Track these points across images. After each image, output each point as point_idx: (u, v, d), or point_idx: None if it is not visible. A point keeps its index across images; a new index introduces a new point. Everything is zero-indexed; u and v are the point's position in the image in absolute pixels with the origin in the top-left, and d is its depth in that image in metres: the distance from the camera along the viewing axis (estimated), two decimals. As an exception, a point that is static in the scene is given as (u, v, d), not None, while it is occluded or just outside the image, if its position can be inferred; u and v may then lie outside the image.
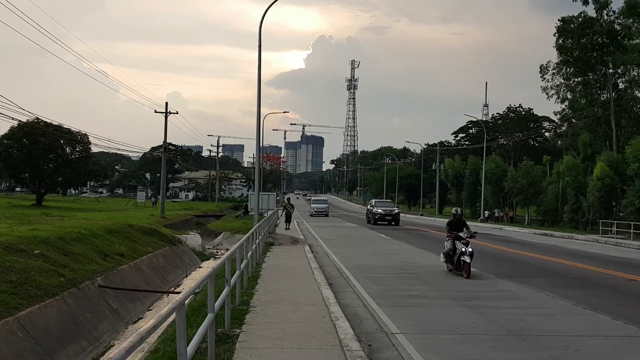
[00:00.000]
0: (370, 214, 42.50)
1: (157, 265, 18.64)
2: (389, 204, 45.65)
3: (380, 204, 43.85)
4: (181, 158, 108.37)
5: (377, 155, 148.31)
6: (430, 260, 18.02)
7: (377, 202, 45.18)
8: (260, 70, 22.46)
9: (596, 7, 46.91)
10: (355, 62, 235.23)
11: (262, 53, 22.35)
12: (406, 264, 16.92)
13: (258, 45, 22.23)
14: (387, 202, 46.92)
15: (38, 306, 9.85)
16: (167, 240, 23.05)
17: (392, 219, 40.77)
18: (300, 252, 18.94)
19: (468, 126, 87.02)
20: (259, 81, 22.60)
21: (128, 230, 21.03)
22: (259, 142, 24.14)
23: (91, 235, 17.03)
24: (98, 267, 13.90)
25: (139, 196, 66.37)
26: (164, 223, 38.10)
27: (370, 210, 42.91)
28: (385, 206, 43.00)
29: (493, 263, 17.47)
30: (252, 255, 13.30)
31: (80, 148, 56.60)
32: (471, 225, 17.66)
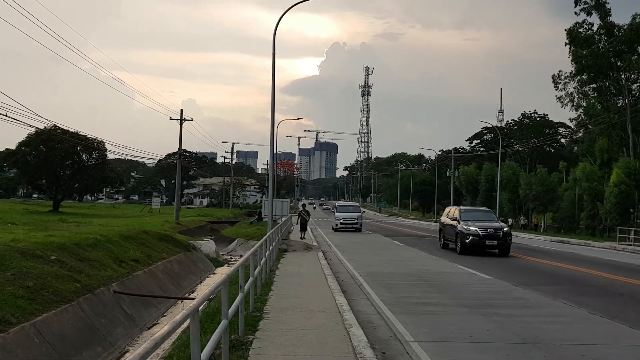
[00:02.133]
0: (455, 234, 22.86)
1: (171, 271, 18.73)
2: (489, 214, 24.19)
3: (478, 216, 23.31)
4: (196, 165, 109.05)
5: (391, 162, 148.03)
6: (445, 267, 17.91)
7: (468, 212, 23.96)
8: (274, 77, 22.56)
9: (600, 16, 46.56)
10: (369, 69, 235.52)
11: (276, 60, 22.46)
12: (420, 271, 16.82)
13: (272, 53, 22.33)
14: (486, 213, 24.64)
15: (54, 312, 9.95)
16: (181, 247, 23.16)
17: (500, 244, 22.03)
18: (313, 259, 18.91)
19: (483, 132, 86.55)
20: (273, 88, 22.69)
21: (143, 236, 21.17)
22: (272, 149, 24.21)
23: (107, 241, 17.17)
24: (113, 273, 14.01)
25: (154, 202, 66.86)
26: (178, 229, 38.27)
27: (457, 229, 22.60)
28: (485, 220, 22.76)
29: (508, 270, 17.31)
30: (266, 262, 13.32)
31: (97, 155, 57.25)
32: None
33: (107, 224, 26.33)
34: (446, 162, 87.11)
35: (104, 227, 22.97)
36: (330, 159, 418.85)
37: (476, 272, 16.23)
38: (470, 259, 20.40)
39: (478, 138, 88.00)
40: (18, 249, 12.35)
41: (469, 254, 21.76)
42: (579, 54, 46.85)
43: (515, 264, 19.84)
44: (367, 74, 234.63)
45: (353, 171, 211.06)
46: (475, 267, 17.78)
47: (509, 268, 18.09)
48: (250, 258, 9.57)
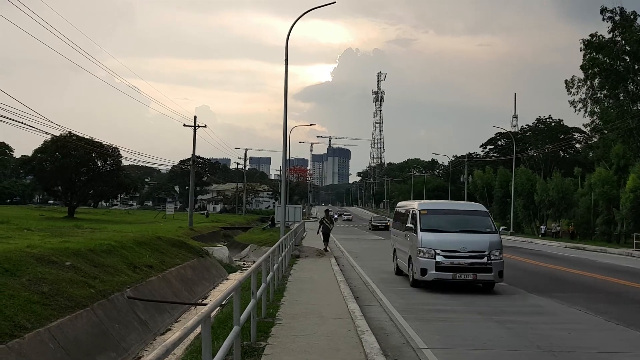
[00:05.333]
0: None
1: (184, 277, 18.81)
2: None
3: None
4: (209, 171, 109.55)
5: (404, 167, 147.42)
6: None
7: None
8: (287, 84, 22.64)
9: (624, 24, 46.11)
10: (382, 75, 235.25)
11: (289, 67, 22.54)
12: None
13: (285, 60, 22.43)
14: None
15: (69, 317, 10.04)
16: (194, 252, 23.27)
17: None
18: (326, 265, 18.89)
19: (497, 138, 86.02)
20: (286, 94, 22.77)
21: (157, 242, 21.30)
22: (285, 155, 24.27)
23: (121, 247, 17.30)
24: (127, 279, 14.11)
25: (167, 208, 67.25)
26: (192, 235, 38.46)
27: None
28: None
29: (523, 277, 17.14)
30: (278, 268, 13.33)
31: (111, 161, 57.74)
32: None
33: (121, 230, 26.53)
34: (460, 168, 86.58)
35: (118, 233, 23.15)
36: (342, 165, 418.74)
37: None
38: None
39: (492, 144, 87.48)
40: (33, 255, 12.49)
41: None
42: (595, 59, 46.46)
43: (530, 270, 19.64)
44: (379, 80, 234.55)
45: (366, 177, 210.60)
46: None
47: (523, 274, 17.91)
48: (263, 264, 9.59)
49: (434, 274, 12.93)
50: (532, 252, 29.41)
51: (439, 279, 12.98)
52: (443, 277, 12.94)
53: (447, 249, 12.93)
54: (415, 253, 13.35)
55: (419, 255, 13.17)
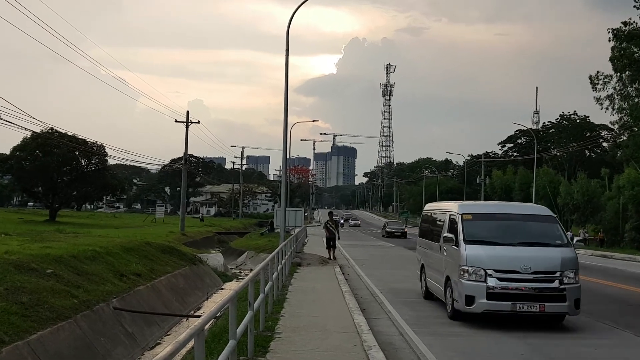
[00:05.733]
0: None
1: (176, 287, 18.85)
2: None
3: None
4: (203, 171, 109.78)
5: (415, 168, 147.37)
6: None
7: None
8: (288, 77, 22.66)
9: None
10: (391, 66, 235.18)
11: (290, 57, 22.57)
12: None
13: (285, 50, 22.45)
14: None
15: (50, 329, 10.07)
16: (186, 260, 23.31)
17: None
18: (330, 274, 18.90)
19: (516, 135, 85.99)
20: (286, 88, 22.78)
21: (146, 248, 21.34)
22: (285, 154, 24.29)
23: (106, 253, 17.35)
24: (113, 288, 14.14)
25: (157, 212, 67.32)
26: (183, 241, 38.50)
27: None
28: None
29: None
30: (278, 277, 13.34)
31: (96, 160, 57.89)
32: None
33: (107, 235, 26.59)
34: (476, 168, 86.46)
35: (103, 238, 23.20)
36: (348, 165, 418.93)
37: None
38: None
39: (511, 142, 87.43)
40: (12, 261, 12.53)
41: None
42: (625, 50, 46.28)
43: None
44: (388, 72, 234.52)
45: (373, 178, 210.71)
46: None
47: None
48: (261, 273, 9.60)
49: (485, 303, 10.19)
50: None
51: (492, 310, 10.24)
52: (497, 308, 10.20)
53: (502, 268, 10.28)
54: (457, 273, 10.66)
55: (462, 276, 10.49)
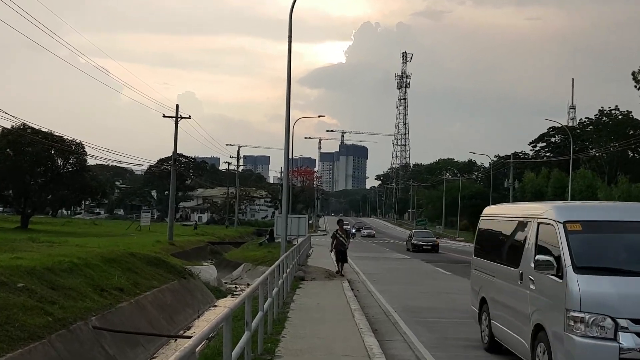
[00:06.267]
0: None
1: (163, 303, 18.87)
2: None
3: None
4: (194, 172, 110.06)
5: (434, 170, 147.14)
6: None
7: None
8: (290, 66, 22.70)
9: None
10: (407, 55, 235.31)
11: (293, 45, 22.63)
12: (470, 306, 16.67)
13: (288, 36, 22.51)
14: None
15: (20, 351, 10.08)
16: (175, 273, 23.35)
17: None
18: (337, 289, 18.89)
19: (549, 133, 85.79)
20: (289, 79, 22.82)
21: (129, 259, 21.40)
22: (287, 153, 24.32)
23: (85, 265, 17.39)
24: (93, 305, 14.17)
25: (142, 218, 67.55)
26: (172, 251, 38.55)
27: None
28: None
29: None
30: (279, 293, 13.34)
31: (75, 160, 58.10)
32: None
33: (86, 245, 26.65)
34: (504, 170, 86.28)
35: (82, 248, 23.26)
36: (358, 166, 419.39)
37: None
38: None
39: (543, 140, 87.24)
40: (-21, 273, 12.56)
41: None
42: None
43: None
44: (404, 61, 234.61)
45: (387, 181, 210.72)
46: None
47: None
48: (259, 288, 9.60)
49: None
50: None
51: None
52: None
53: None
54: (561, 323, 7.61)
55: (572, 329, 7.40)
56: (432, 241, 47.67)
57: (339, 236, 23.89)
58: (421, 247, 46.29)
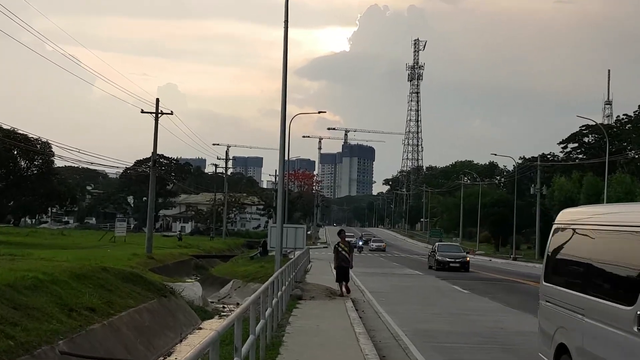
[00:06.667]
0: None
1: (140, 325, 18.84)
2: None
3: None
4: (176, 176, 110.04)
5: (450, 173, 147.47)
6: (528, 325, 17.69)
7: None
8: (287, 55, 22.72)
9: None
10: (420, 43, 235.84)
11: (290, 30, 22.64)
12: (492, 330, 16.69)
13: (284, 21, 22.52)
14: None
15: (-22, 379, 10.05)
16: (155, 290, 23.34)
17: None
18: (339, 310, 18.88)
19: (582, 132, 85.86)
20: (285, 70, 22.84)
21: (102, 275, 21.38)
22: (283, 154, 24.31)
23: (52, 281, 17.36)
24: (60, 327, 14.13)
25: (117, 228, 67.51)
26: (151, 266, 38.53)
27: None
28: None
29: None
30: (273, 314, 13.32)
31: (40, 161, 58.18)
32: None
33: (52, 258, 26.64)
34: (530, 174, 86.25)
35: (48, 261, 23.23)
36: (364, 169, 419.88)
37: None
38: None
39: (575, 140, 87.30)
40: None
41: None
42: None
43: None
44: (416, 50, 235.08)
45: (396, 186, 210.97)
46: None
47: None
48: (251, 308, 9.58)
49: None
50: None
51: None
52: None
53: None
54: None
55: None
56: (461, 257, 44.22)
57: (340, 250, 23.11)
58: (447, 264, 42.66)
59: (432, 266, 44.23)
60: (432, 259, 45.19)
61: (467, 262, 43.36)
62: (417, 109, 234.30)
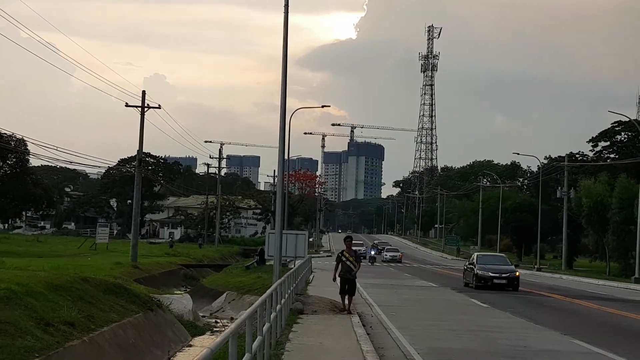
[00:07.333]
0: None
1: (124, 342, 18.84)
2: None
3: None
4: (164, 176, 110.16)
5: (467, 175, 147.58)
6: (554, 342, 17.70)
7: None
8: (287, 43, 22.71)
9: None
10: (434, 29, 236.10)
11: (291, 16, 22.63)
12: (514, 348, 16.66)
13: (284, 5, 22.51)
14: None
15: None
16: (140, 304, 23.32)
17: None
18: (345, 326, 18.85)
19: (614, 129, 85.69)
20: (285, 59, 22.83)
21: (82, 286, 21.36)
22: (283, 153, 24.31)
23: (26, 293, 17.35)
24: (35, 343, 14.13)
25: (99, 234, 67.60)
26: (136, 276, 38.54)
27: None
28: None
29: None
30: (271, 330, 13.30)
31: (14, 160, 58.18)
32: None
33: (27, 267, 26.69)
34: (556, 176, 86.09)
35: (22, 271, 23.26)
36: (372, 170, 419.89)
37: (609, 354, 15.97)
38: (597, 329, 20.05)
39: (606, 138, 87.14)
40: None
41: None
42: None
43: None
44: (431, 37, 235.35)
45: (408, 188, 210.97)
46: (607, 342, 17.49)
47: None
48: (247, 323, 9.57)
49: None
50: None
51: None
52: None
53: None
54: None
55: None
56: (508, 271, 37.64)
57: (344, 259, 22.17)
58: (490, 281, 36.85)
59: (470, 283, 38.27)
60: (470, 274, 38.76)
61: (516, 278, 37.26)
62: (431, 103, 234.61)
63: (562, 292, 36.93)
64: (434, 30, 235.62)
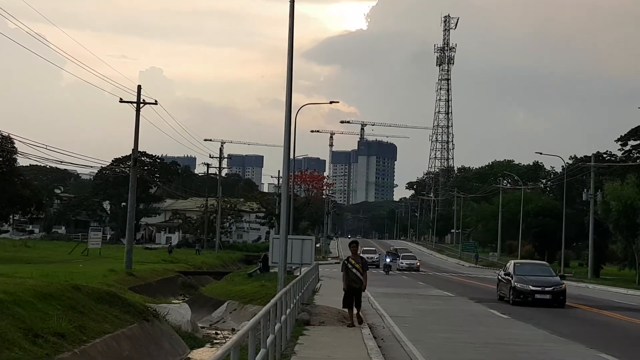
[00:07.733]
0: None
1: (118, 354, 18.86)
2: None
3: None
4: (161, 177, 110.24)
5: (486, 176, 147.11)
6: (579, 357, 17.70)
7: None
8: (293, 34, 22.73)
9: None
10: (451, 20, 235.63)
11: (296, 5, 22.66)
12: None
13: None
14: None
15: None
16: (135, 313, 23.36)
17: None
18: (354, 338, 18.86)
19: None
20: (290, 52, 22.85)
21: (73, 295, 21.40)
22: (288, 152, 24.32)
23: (13, 302, 17.40)
24: (23, 356, 14.16)
25: (91, 239, 67.71)
26: (131, 284, 38.61)
27: None
28: None
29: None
30: (275, 342, 13.32)
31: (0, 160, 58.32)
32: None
33: (14, 274, 26.74)
34: (582, 177, 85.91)
35: (9, 278, 23.29)
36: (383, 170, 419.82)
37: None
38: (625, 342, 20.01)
39: (637, 137, 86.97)
40: None
41: None
42: None
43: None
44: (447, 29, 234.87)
45: (422, 190, 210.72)
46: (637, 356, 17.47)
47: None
48: (250, 335, 9.59)
49: None
50: None
51: None
52: None
53: None
54: None
55: None
56: (553, 284, 33.92)
57: (350, 267, 21.47)
58: (532, 295, 33.06)
59: (507, 297, 34.71)
60: (506, 287, 35.05)
61: (562, 292, 33.65)
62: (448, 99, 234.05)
63: (588, 302, 36.82)
64: (450, 20, 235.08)
